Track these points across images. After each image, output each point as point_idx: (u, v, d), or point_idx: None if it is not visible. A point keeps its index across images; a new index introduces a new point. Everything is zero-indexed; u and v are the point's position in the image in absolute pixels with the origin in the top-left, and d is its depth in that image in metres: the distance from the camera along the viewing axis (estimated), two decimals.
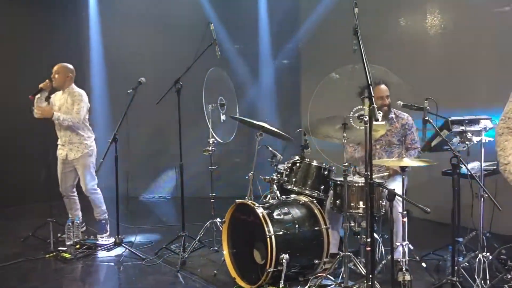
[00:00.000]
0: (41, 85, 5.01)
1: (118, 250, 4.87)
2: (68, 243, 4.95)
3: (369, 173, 2.90)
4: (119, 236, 4.93)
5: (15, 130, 6.70)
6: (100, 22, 7.72)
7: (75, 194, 5.36)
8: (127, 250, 4.83)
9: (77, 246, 4.85)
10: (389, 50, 6.01)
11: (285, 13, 7.40)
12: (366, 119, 2.95)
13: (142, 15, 7.58)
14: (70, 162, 5.19)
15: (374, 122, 2.92)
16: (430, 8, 5.85)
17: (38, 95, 5.02)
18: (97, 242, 4.97)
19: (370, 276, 3.04)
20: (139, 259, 4.62)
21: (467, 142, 3.63)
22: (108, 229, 5.37)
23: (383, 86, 4.45)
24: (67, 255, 4.63)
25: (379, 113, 2.89)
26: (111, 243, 4.93)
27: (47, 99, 5.11)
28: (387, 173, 4.34)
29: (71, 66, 5.21)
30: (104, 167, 4.76)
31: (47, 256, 4.69)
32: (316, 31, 7.10)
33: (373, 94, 2.83)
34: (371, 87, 2.84)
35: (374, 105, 2.79)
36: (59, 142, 5.23)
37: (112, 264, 4.58)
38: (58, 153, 5.24)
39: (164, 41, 7.54)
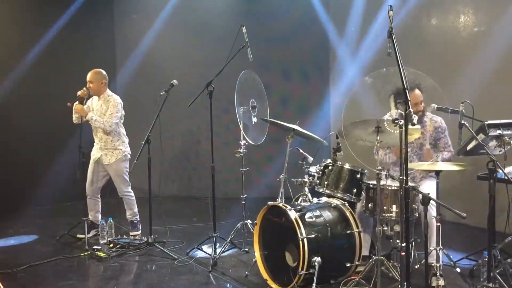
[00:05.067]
0: (79, 93, 5.08)
1: (151, 250, 4.96)
2: (102, 242, 5.09)
3: (404, 177, 2.88)
4: (152, 236, 5.02)
5: (52, 130, 6.89)
6: (130, 24, 7.87)
7: (99, 196, 5.45)
8: (159, 249, 4.91)
9: (111, 245, 4.97)
10: (420, 51, 5.94)
11: (315, 13, 7.37)
12: (402, 123, 2.94)
13: (173, 16, 7.65)
14: (103, 165, 5.30)
15: (410, 127, 2.91)
16: (463, 8, 5.75)
17: (76, 103, 5.08)
18: (130, 241, 5.06)
19: (405, 282, 3.02)
20: (171, 259, 4.69)
21: (504, 146, 3.56)
22: (140, 228, 5.46)
23: (417, 92, 4.33)
24: (101, 254, 4.73)
25: (414, 116, 2.87)
26: (143, 243, 5.02)
27: (83, 103, 5.18)
28: (418, 173, 4.30)
29: (103, 72, 5.26)
30: (137, 168, 4.85)
31: (82, 254, 4.80)
32: (345, 32, 7.06)
33: (409, 99, 2.81)
34: (407, 91, 2.81)
35: (411, 109, 2.77)
36: (95, 144, 5.35)
37: (145, 263, 4.67)
38: (92, 153, 5.35)
39: (196, 43, 7.60)
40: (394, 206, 3.76)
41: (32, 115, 6.93)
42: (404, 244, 3.03)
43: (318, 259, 3.61)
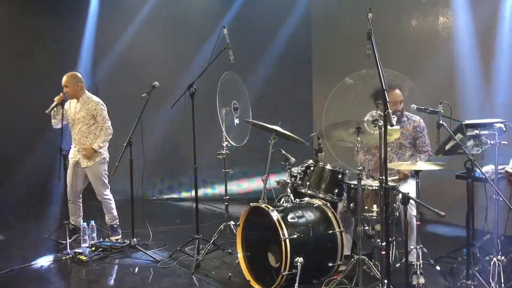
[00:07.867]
0: (55, 99, 5.02)
1: (133, 252, 4.93)
2: (84, 245, 5.04)
3: (384, 177, 2.92)
4: (134, 239, 4.99)
5: (33, 132, 6.80)
6: (111, 25, 7.76)
7: (81, 200, 5.39)
8: (141, 252, 4.88)
9: (93, 248, 4.92)
10: (400, 52, 6.01)
11: (297, 15, 7.41)
12: (381, 124, 2.97)
13: (154, 18, 7.61)
14: (81, 168, 5.24)
15: (389, 127, 2.94)
16: (442, 9, 5.83)
17: (55, 109, 5.04)
18: (112, 244, 5.01)
19: (386, 280, 3.06)
20: (154, 261, 4.68)
21: (482, 146, 3.62)
22: (120, 232, 5.41)
23: (397, 91, 4.40)
24: (83, 257, 4.68)
25: (393, 117, 2.91)
26: (126, 245, 4.99)
27: (61, 108, 5.11)
28: (397, 177, 4.34)
29: (78, 75, 5.20)
30: (119, 170, 4.81)
31: (64, 258, 4.75)
32: (328, 34, 7.11)
33: (387, 99, 2.85)
34: (385, 92, 2.85)
35: (389, 110, 2.81)
36: (72, 145, 5.28)
37: (128, 266, 4.64)
38: (70, 156, 5.26)
39: (178, 45, 7.57)
40: (374, 206, 3.79)
41: (12, 116, 6.83)
42: (384, 243, 3.06)
43: (300, 259, 3.63)
